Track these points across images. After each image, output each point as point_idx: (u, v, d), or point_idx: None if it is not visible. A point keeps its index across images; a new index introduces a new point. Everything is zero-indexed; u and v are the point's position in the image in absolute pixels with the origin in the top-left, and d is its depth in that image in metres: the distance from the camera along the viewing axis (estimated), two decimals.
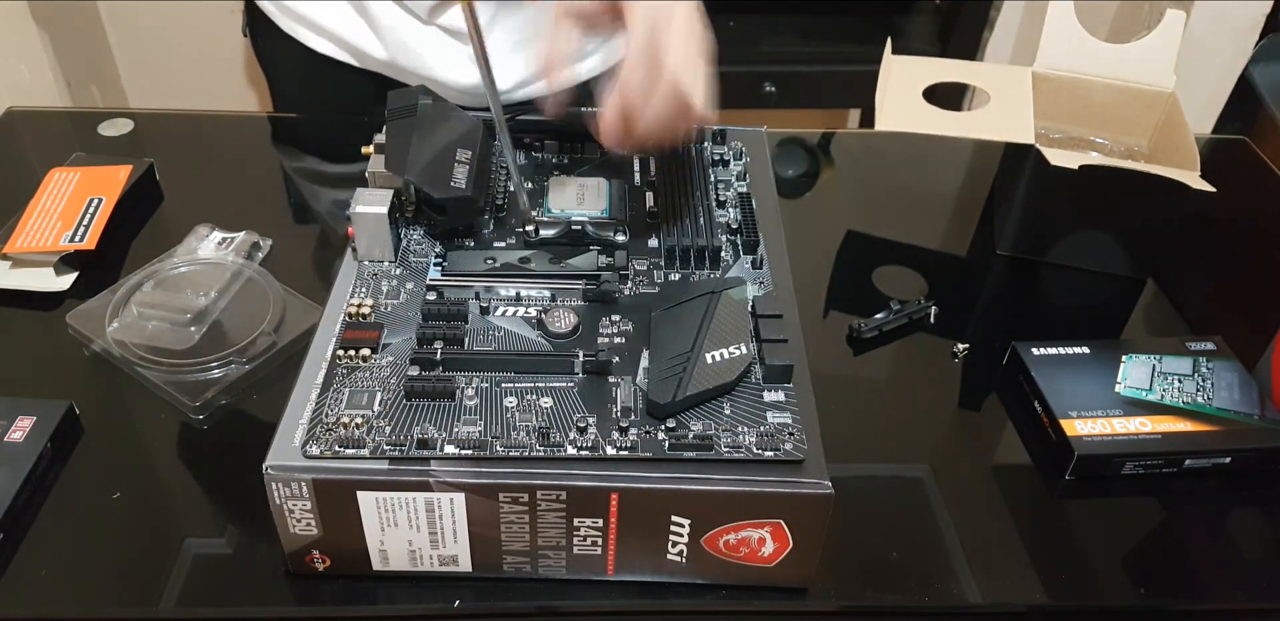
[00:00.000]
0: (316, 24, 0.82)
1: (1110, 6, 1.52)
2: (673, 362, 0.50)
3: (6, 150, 0.85)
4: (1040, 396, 0.63)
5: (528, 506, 0.48)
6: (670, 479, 0.48)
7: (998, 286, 0.77)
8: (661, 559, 0.51)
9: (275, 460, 0.47)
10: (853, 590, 0.54)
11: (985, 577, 0.55)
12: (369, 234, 0.57)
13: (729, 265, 0.59)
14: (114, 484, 0.57)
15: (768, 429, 0.49)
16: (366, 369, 0.51)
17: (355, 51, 0.83)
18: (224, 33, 1.59)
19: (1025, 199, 0.75)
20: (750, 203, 0.63)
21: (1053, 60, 0.78)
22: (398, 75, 0.83)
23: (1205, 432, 0.60)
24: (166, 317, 0.65)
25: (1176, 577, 0.56)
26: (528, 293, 0.56)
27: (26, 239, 0.70)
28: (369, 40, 0.81)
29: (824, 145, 0.92)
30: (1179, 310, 0.75)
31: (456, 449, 0.48)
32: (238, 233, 0.72)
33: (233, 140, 0.88)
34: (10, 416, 0.57)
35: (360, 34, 0.81)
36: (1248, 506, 0.60)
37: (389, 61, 0.82)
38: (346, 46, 0.83)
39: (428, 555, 0.51)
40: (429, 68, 0.81)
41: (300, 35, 0.84)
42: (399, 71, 0.83)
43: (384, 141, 0.59)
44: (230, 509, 0.56)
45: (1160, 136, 0.78)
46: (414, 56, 0.81)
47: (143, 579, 0.53)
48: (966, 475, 0.61)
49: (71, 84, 1.45)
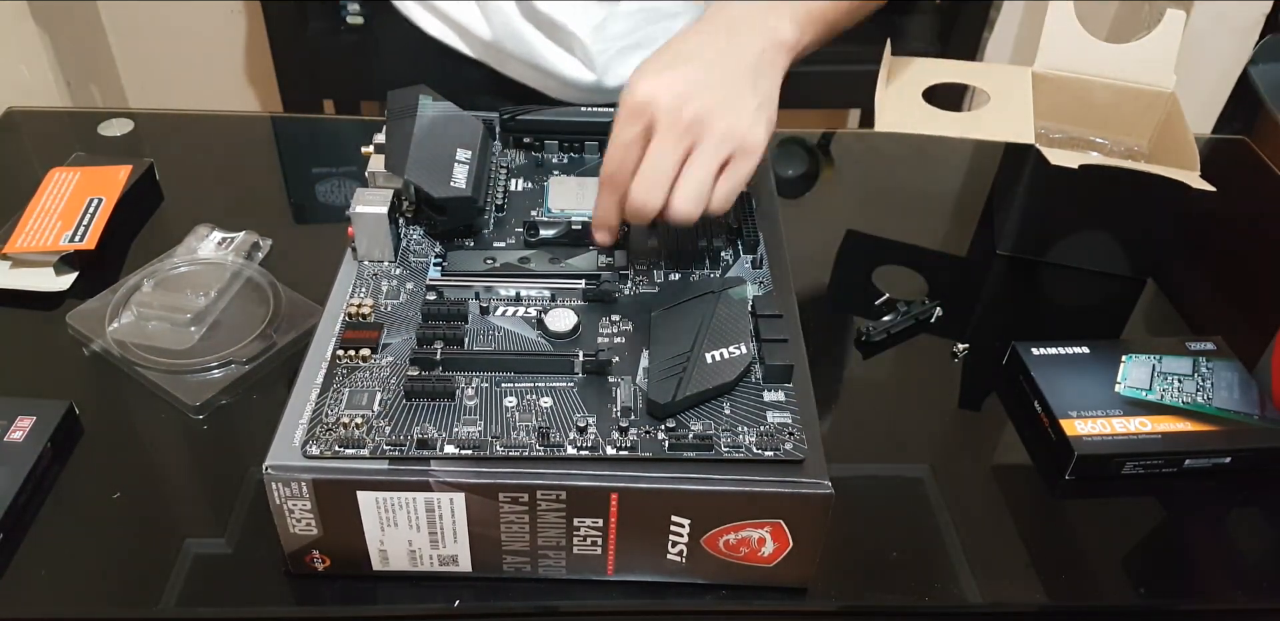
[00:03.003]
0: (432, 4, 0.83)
1: (1110, 6, 1.52)
2: (672, 362, 0.50)
3: (6, 150, 0.85)
4: (1040, 396, 0.63)
5: (528, 506, 0.48)
6: (670, 479, 0.48)
7: (998, 286, 0.77)
8: (661, 559, 0.51)
9: (275, 460, 0.47)
10: (853, 590, 0.54)
11: (985, 577, 0.55)
12: (369, 234, 0.57)
13: (729, 265, 0.59)
14: (114, 484, 0.57)
15: (768, 429, 0.49)
16: (366, 369, 0.51)
17: (462, 31, 0.83)
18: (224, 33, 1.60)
19: (1025, 199, 0.75)
20: (750, 202, 0.63)
21: (1053, 60, 0.78)
22: (502, 64, 0.83)
23: (1205, 432, 0.60)
24: (166, 318, 0.65)
25: (1176, 577, 0.56)
26: (528, 293, 0.56)
27: (26, 239, 0.70)
28: (476, 19, 0.81)
29: (824, 145, 0.92)
30: (1179, 310, 0.75)
31: (456, 449, 0.48)
32: (238, 233, 0.72)
33: (233, 140, 0.88)
34: (10, 416, 0.57)
35: (468, 12, 0.81)
36: (1248, 506, 0.60)
37: (494, 44, 0.81)
38: (455, 25, 0.83)
39: (428, 555, 0.51)
40: (534, 55, 0.81)
41: (414, 15, 0.84)
42: (505, 59, 0.83)
43: (384, 141, 0.59)
44: (230, 509, 0.56)
45: (1160, 136, 0.78)
46: (520, 41, 0.81)
47: (143, 579, 0.53)
48: (966, 475, 0.61)
49: (71, 84, 1.45)
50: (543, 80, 0.83)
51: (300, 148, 0.89)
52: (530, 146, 0.67)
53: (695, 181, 0.53)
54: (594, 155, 0.67)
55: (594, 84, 0.82)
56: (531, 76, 0.84)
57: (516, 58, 0.82)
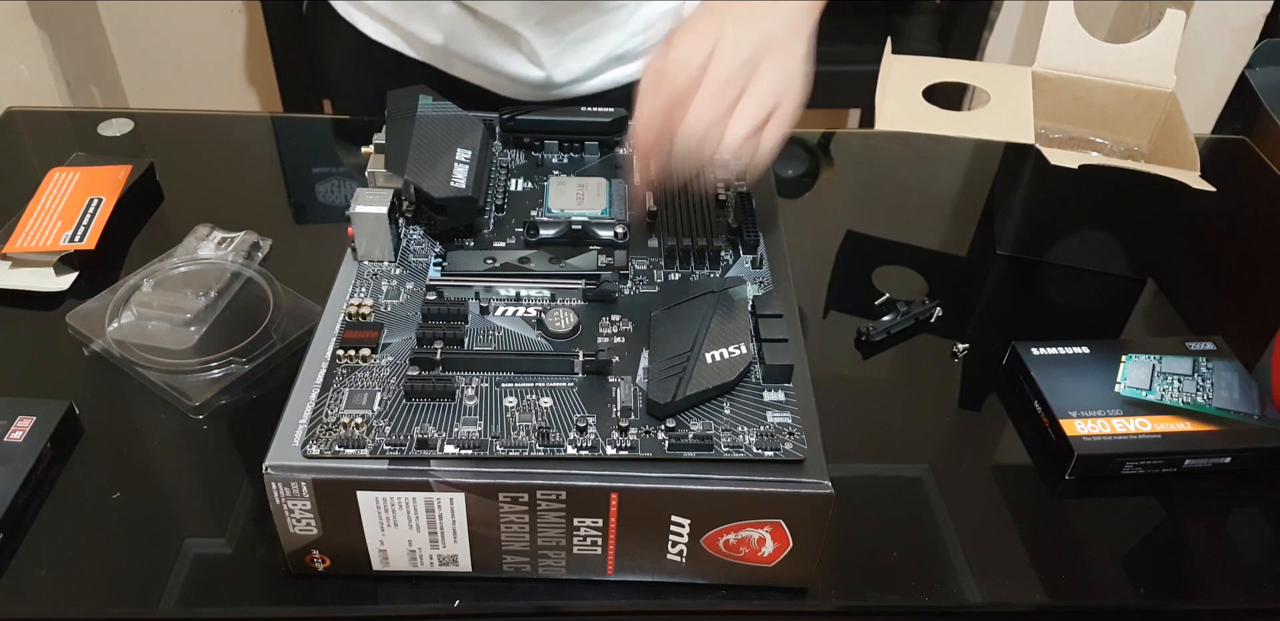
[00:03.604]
0: (372, 8, 0.82)
1: (1110, 6, 1.52)
2: (672, 362, 0.50)
3: (6, 150, 0.85)
4: (1040, 396, 0.63)
5: (527, 506, 0.48)
6: (670, 479, 0.48)
7: (998, 286, 0.77)
8: (661, 559, 0.51)
9: (275, 460, 0.47)
10: (853, 590, 0.54)
11: (985, 577, 0.55)
12: (369, 234, 0.57)
13: (729, 265, 0.59)
14: (114, 484, 0.57)
15: (768, 429, 0.49)
16: (366, 369, 0.51)
17: (408, 36, 0.82)
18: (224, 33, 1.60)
19: (1025, 199, 0.75)
20: (750, 202, 0.63)
21: (1053, 60, 0.78)
22: (449, 65, 0.82)
23: (1205, 432, 0.60)
24: (166, 317, 0.65)
25: (1176, 577, 0.56)
26: (528, 292, 0.56)
27: (26, 239, 0.70)
28: (417, 23, 0.80)
29: (824, 145, 0.92)
30: (1179, 310, 0.75)
31: (456, 449, 0.48)
32: (238, 233, 0.72)
33: (233, 140, 0.88)
34: (10, 416, 0.57)
35: (414, 17, 0.80)
36: (1248, 506, 0.60)
37: (442, 47, 0.81)
38: (400, 31, 0.82)
39: (428, 555, 0.51)
40: (480, 55, 0.80)
41: (355, 20, 0.83)
42: (451, 60, 0.82)
43: (384, 141, 0.59)
44: (230, 509, 0.56)
45: (1160, 136, 0.78)
46: (466, 44, 0.80)
47: (143, 579, 0.53)
48: (966, 475, 0.61)
49: (71, 84, 1.46)
50: (491, 78, 0.82)
51: (300, 148, 0.89)
52: (530, 146, 0.67)
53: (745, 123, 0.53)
54: (594, 155, 0.67)
55: (544, 80, 0.81)
56: (480, 75, 0.83)
57: (462, 58, 0.81)
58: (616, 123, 0.66)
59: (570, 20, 0.78)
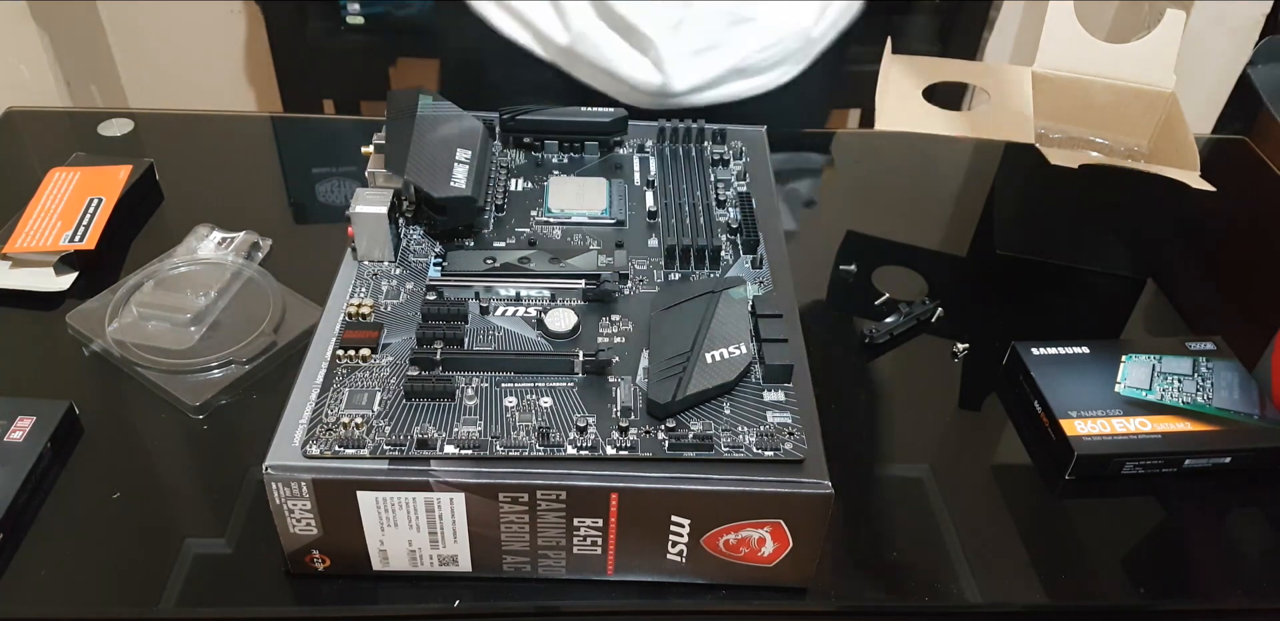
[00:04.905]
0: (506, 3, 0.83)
1: (1110, 6, 1.52)
2: (672, 362, 0.50)
3: (6, 150, 0.85)
4: (1040, 396, 0.63)
5: (527, 506, 0.48)
6: (670, 479, 0.48)
7: (998, 286, 0.77)
8: (661, 559, 0.51)
9: (275, 460, 0.47)
10: (853, 590, 0.54)
11: (985, 577, 0.55)
12: (369, 234, 0.57)
13: (729, 265, 0.59)
14: (114, 484, 0.57)
15: (768, 429, 0.49)
16: (366, 369, 0.51)
17: (537, 33, 0.82)
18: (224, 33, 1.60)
19: (1025, 199, 0.75)
20: (750, 202, 0.63)
21: (1053, 60, 0.78)
22: (573, 67, 0.83)
23: (1205, 432, 0.60)
24: (166, 318, 0.65)
25: (1176, 577, 0.56)
26: (527, 292, 0.56)
27: (26, 239, 0.70)
28: (552, 21, 0.81)
29: (824, 145, 0.92)
30: (1179, 310, 0.75)
31: (456, 449, 0.48)
32: (238, 233, 0.73)
33: (233, 140, 0.88)
34: (10, 416, 0.57)
35: (544, 13, 0.81)
36: (1248, 506, 0.60)
37: (569, 48, 0.82)
38: (531, 29, 0.83)
39: (428, 555, 0.51)
40: (605, 57, 0.81)
41: (488, 14, 0.84)
42: (575, 62, 0.83)
43: (384, 141, 0.59)
44: (230, 509, 0.56)
45: (1160, 136, 0.78)
46: (593, 46, 0.81)
47: (143, 579, 0.53)
48: (966, 475, 0.61)
49: (71, 84, 1.45)
50: (612, 84, 0.83)
51: (300, 148, 0.89)
52: (530, 146, 0.67)
53: None
54: (594, 155, 0.67)
55: (660, 87, 0.82)
56: (602, 80, 0.84)
57: (587, 61, 0.82)
58: (616, 123, 0.66)
59: (701, 27, 0.79)
